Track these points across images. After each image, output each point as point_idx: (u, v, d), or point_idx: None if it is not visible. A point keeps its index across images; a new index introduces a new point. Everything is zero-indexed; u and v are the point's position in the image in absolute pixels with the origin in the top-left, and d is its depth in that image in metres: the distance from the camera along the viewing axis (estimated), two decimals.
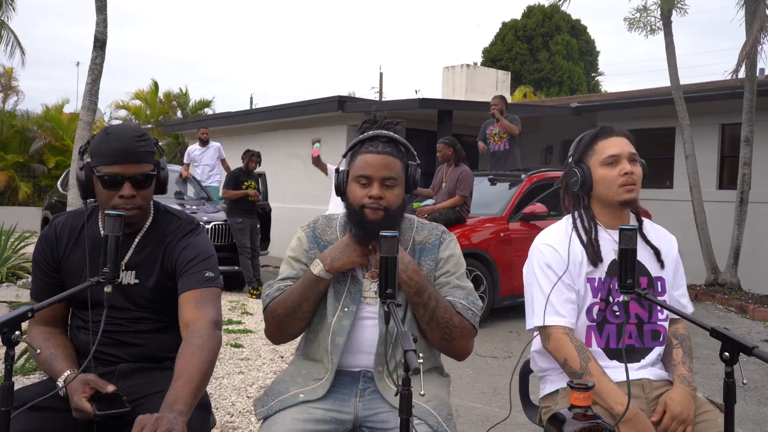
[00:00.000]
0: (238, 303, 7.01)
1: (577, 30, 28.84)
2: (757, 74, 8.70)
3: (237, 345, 5.15)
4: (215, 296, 1.81)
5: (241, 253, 7.60)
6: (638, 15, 8.91)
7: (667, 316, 1.96)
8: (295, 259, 1.90)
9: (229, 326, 5.81)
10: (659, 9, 8.76)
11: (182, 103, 22.59)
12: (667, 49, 8.83)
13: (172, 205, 2.05)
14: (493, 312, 6.46)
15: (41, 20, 76.84)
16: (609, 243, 1.94)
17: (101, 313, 1.56)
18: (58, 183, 10.74)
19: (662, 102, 9.79)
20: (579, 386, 1.28)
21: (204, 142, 9.41)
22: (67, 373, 1.73)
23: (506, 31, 29.32)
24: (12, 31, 13.78)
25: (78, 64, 35.85)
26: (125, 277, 1.85)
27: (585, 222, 1.97)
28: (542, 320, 1.91)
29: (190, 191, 9.38)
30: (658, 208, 9.01)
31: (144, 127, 19.21)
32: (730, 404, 1.44)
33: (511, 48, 28.66)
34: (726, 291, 8.26)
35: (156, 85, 22.01)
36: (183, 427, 1.44)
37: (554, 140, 13.12)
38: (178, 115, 22.26)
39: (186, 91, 22.91)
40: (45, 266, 1.87)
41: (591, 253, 1.92)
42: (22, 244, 7.81)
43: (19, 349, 3.85)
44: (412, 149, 1.87)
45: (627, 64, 68.48)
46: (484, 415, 3.80)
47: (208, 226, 7.66)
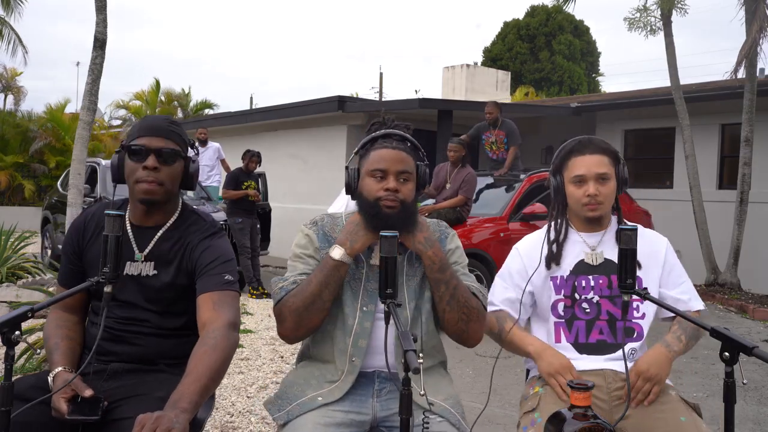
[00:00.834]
0: None
1: (579, 30, 28.83)
2: (757, 74, 8.70)
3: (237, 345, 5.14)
4: (233, 299, 1.81)
5: (241, 253, 7.61)
6: (638, 15, 8.91)
7: (643, 315, 2.00)
8: (308, 255, 1.85)
9: None
10: (659, 9, 8.76)
11: (184, 104, 22.60)
12: (667, 49, 8.83)
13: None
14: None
15: (41, 20, 76.91)
16: (579, 245, 2.03)
17: (113, 306, 1.63)
18: (58, 183, 10.73)
19: (662, 102, 9.79)
20: (579, 386, 1.29)
21: (203, 143, 9.36)
22: (58, 369, 1.74)
23: (508, 30, 29.30)
24: (14, 30, 13.78)
25: (78, 64, 35.87)
26: (144, 269, 1.86)
27: (557, 226, 2.07)
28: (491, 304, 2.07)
29: (190, 191, 9.38)
30: (658, 208, 9.02)
31: None
32: (730, 404, 1.45)
33: (511, 47, 28.65)
34: (726, 291, 8.26)
35: (158, 84, 22.02)
36: (185, 426, 1.43)
37: (554, 140, 13.10)
38: (179, 114, 22.26)
39: (189, 92, 22.95)
40: (72, 254, 1.91)
41: (549, 254, 2.03)
42: (22, 244, 7.82)
43: (19, 349, 3.85)
44: (422, 150, 1.88)
45: (627, 64, 68.57)
46: (483, 415, 3.79)
47: None
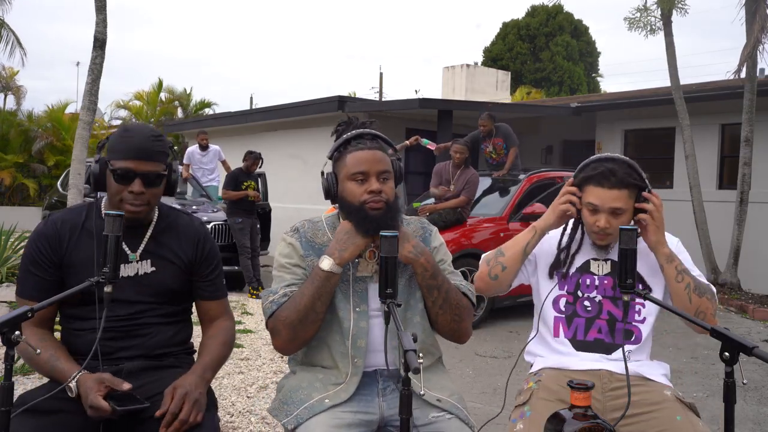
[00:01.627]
0: (238, 303, 7.01)
1: (579, 31, 28.83)
2: (758, 74, 8.69)
3: (237, 345, 5.15)
4: (228, 302, 2.06)
5: (241, 253, 7.61)
6: (638, 15, 8.90)
7: (644, 319, 1.99)
8: (294, 264, 1.84)
9: None
10: (659, 9, 8.76)
11: (185, 104, 22.60)
12: (667, 49, 8.82)
13: (173, 205, 2.08)
14: (493, 312, 6.45)
15: (41, 20, 76.87)
16: (588, 249, 2.06)
17: (110, 309, 1.66)
18: (58, 183, 10.74)
19: (662, 102, 9.79)
20: (579, 386, 1.29)
21: (203, 148, 9.51)
22: (81, 372, 1.68)
23: (508, 30, 29.29)
24: (12, 31, 13.77)
25: (78, 64, 35.84)
26: (141, 267, 1.87)
27: (573, 233, 2.10)
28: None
29: (191, 191, 9.40)
30: None
31: None
32: (730, 404, 1.44)
33: (512, 47, 28.64)
34: (726, 291, 8.25)
35: (160, 83, 22.05)
36: (205, 398, 1.74)
37: (554, 140, 13.12)
38: (179, 114, 22.27)
39: (190, 92, 22.95)
40: (44, 264, 1.83)
41: (556, 260, 2.06)
42: (22, 244, 7.81)
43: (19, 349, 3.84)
44: (392, 143, 1.92)
45: (627, 64, 68.55)
46: (483, 415, 3.78)
47: (209, 226, 7.68)
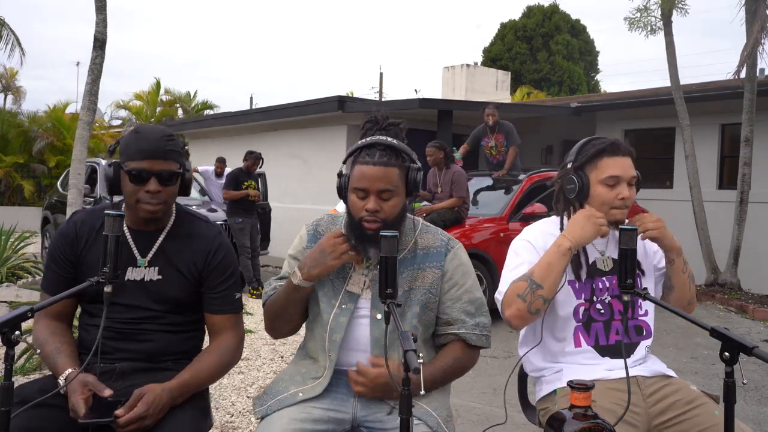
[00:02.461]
0: None
1: (576, 30, 28.82)
2: (758, 74, 8.69)
3: None
4: (241, 317, 2.02)
5: (241, 253, 7.61)
6: (638, 15, 8.89)
7: (646, 311, 2.00)
8: (294, 257, 1.92)
9: None
10: (659, 9, 8.76)
11: (187, 106, 22.61)
12: (668, 49, 8.82)
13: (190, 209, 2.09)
14: (493, 312, 6.42)
15: (41, 20, 76.91)
16: (590, 248, 1.99)
17: (114, 310, 1.70)
18: (58, 183, 10.74)
19: (662, 102, 9.78)
20: (579, 386, 1.29)
21: (219, 175, 9.12)
22: (69, 371, 1.74)
23: (506, 31, 29.29)
24: (12, 31, 13.76)
25: (78, 64, 35.79)
26: (147, 274, 1.89)
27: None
28: (501, 293, 2.01)
29: (191, 191, 9.37)
30: (658, 208, 8.99)
31: None
32: (730, 404, 1.44)
33: (511, 48, 28.64)
34: (726, 291, 8.25)
35: (158, 84, 22.04)
36: (168, 399, 1.71)
37: (554, 140, 13.11)
38: (180, 115, 22.27)
39: (194, 95, 22.99)
40: (62, 261, 1.91)
41: (581, 262, 1.97)
42: (22, 244, 7.82)
43: (19, 349, 3.85)
44: (412, 153, 1.81)
45: (627, 64, 68.53)
46: (483, 415, 3.80)
47: None
